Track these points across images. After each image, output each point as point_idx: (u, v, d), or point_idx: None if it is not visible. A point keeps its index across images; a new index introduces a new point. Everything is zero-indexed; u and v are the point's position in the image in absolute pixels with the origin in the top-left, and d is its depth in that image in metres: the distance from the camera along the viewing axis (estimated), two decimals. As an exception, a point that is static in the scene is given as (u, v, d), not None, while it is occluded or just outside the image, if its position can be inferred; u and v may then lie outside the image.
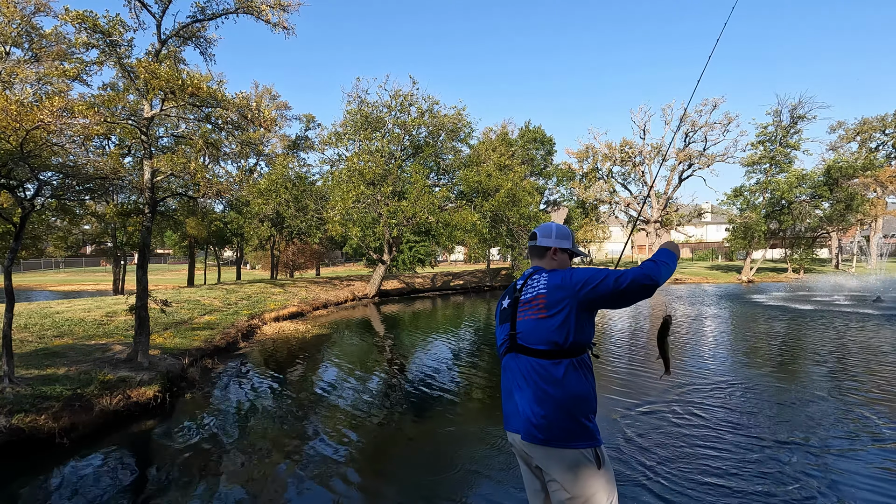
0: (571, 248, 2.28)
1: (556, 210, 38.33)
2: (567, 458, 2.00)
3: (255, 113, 7.90)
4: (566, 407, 2.00)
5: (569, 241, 2.28)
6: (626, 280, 1.97)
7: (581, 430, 2.01)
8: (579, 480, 1.99)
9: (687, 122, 32.50)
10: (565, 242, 2.26)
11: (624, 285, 1.97)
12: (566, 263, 2.28)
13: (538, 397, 2.03)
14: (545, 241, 2.26)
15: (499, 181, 19.58)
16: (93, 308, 11.92)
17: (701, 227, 59.82)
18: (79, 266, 51.12)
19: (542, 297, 2.08)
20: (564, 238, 2.27)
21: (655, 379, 7.12)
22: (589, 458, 2.00)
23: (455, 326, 13.78)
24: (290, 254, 27.75)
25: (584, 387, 2.05)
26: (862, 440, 4.84)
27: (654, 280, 1.96)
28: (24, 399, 5.35)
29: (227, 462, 4.70)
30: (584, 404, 2.03)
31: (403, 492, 4.07)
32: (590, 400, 2.06)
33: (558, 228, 2.29)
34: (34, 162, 5.84)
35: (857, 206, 28.28)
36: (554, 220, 2.29)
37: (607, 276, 2.00)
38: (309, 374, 8.24)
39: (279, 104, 28.40)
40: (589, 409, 2.05)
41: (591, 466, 1.99)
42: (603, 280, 2.00)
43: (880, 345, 9.63)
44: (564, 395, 2.01)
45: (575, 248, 2.30)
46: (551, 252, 2.25)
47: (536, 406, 2.03)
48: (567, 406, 2.01)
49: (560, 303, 2.03)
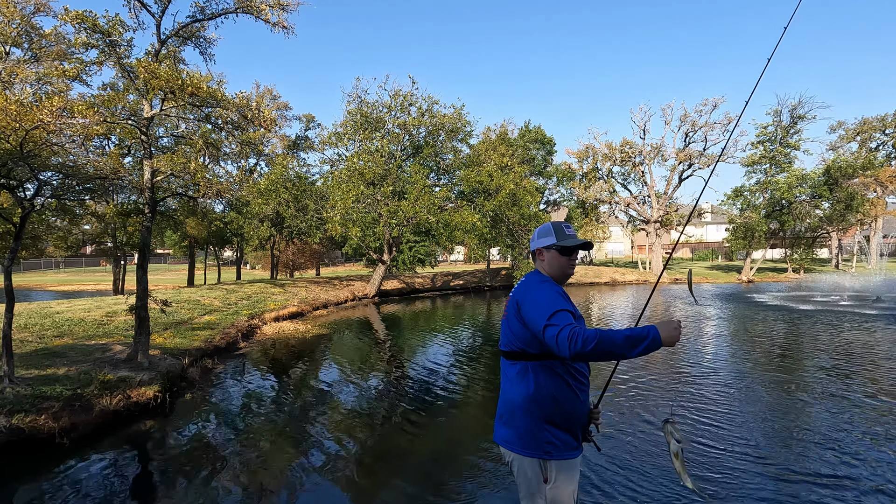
0: (556, 242, 2.09)
1: (556, 210, 38.32)
2: (516, 464, 1.99)
3: (256, 113, 7.90)
4: (516, 410, 1.98)
5: (549, 238, 2.11)
6: (552, 334, 1.73)
7: (529, 438, 1.95)
8: (523, 490, 1.98)
9: (687, 122, 32.50)
10: (544, 240, 2.13)
11: (546, 337, 1.76)
12: (556, 260, 2.10)
13: (501, 398, 2.09)
14: (531, 244, 2.22)
15: (500, 181, 19.59)
16: (93, 308, 11.92)
17: (701, 227, 59.81)
18: (79, 266, 51.10)
19: (511, 300, 2.09)
20: (544, 236, 2.14)
21: (655, 380, 7.11)
22: (534, 470, 1.93)
23: (455, 327, 13.78)
24: (290, 254, 27.73)
25: (538, 392, 1.93)
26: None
27: (575, 353, 1.68)
28: (24, 399, 5.34)
29: (226, 462, 4.70)
30: (535, 409, 1.93)
31: (404, 492, 4.07)
32: (543, 407, 1.93)
33: (539, 229, 2.19)
34: (34, 162, 5.84)
35: (857, 206, 28.26)
36: (552, 221, 2.15)
37: (544, 316, 1.81)
38: (309, 375, 8.24)
39: (279, 104, 28.38)
40: (542, 415, 1.93)
41: (536, 480, 1.93)
42: (537, 319, 1.83)
43: (879, 344, 9.63)
44: (517, 398, 1.98)
45: (562, 240, 2.09)
46: (538, 254, 2.17)
47: (500, 406, 2.09)
48: (517, 409, 1.97)
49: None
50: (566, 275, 2.14)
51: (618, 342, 1.68)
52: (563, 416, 1.95)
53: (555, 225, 2.14)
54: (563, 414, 1.95)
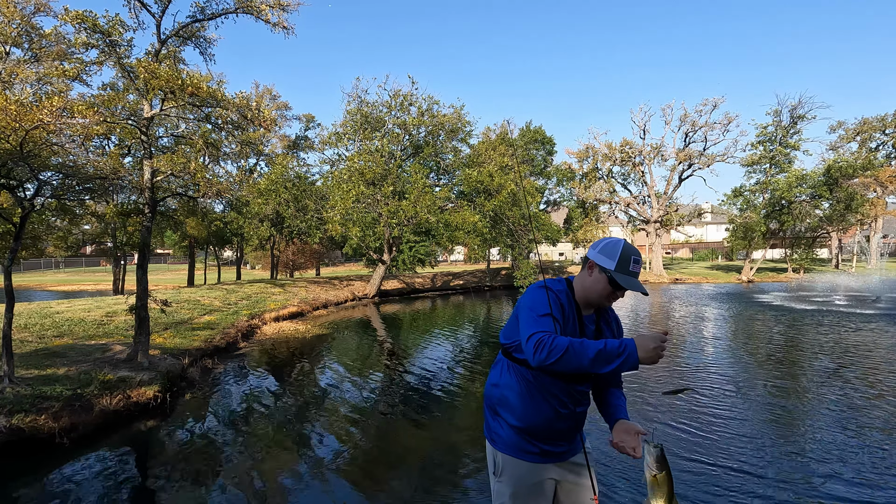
0: (613, 271, 1.83)
1: (557, 210, 38.33)
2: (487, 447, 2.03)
3: (255, 113, 7.89)
4: (485, 396, 2.04)
5: (610, 261, 1.84)
6: (529, 341, 1.65)
7: (486, 426, 2.02)
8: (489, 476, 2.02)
9: (687, 122, 32.51)
10: (603, 260, 1.87)
11: (523, 341, 1.70)
12: (601, 285, 1.86)
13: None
14: (588, 252, 1.97)
15: (501, 181, 19.60)
16: (93, 308, 11.92)
17: (701, 227, 59.77)
18: (79, 266, 51.09)
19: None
20: (605, 255, 1.88)
21: (655, 382, 7.11)
22: (491, 458, 1.97)
23: (455, 327, 13.78)
24: (290, 254, 27.73)
25: (499, 383, 1.94)
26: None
27: (539, 362, 1.60)
28: (25, 399, 5.34)
29: (226, 462, 4.70)
30: (491, 398, 1.98)
31: (404, 492, 4.07)
32: (500, 398, 1.92)
33: (606, 242, 1.92)
34: (34, 162, 5.84)
35: (856, 207, 28.26)
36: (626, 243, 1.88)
37: (524, 321, 1.76)
38: (309, 375, 8.24)
39: (279, 104, 28.39)
40: (497, 405, 1.93)
41: (490, 464, 1.98)
42: (521, 323, 1.78)
43: (879, 344, 9.63)
44: (486, 385, 2.04)
45: (620, 273, 1.83)
46: (588, 265, 1.93)
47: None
48: (485, 395, 2.04)
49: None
50: (601, 304, 1.91)
51: (588, 356, 1.56)
52: (509, 411, 1.90)
53: (625, 251, 1.83)
54: (509, 407, 1.90)
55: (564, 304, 1.86)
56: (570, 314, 1.87)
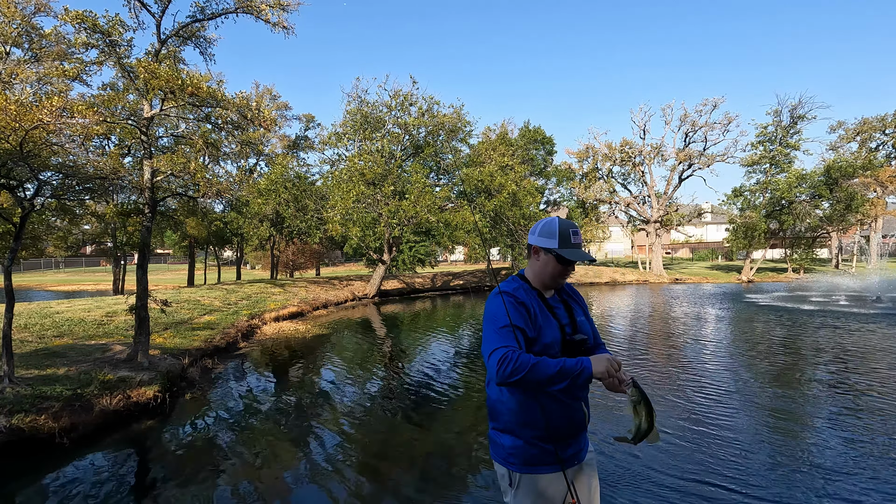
0: (557, 248, 1.87)
1: (556, 210, 38.32)
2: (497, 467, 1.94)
3: (255, 113, 7.90)
4: (489, 411, 1.94)
5: (551, 241, 1.89)
6: (492, 357, 1.66)
7: (492, 443, 1.91)
8: (502, 494, 1.92)
9: (687, 122, 32.51)
10: (545, 241, 1.90)
11: (485, 356, 1.71)
12: (550, 266, 1.89)
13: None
14: (529, 237, 1.99)
15: (501, 181, 19.60)
16: (93, 308, 11.92)
17: (701, 227, 59.77)
18: (79, 266, 51.11)
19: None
20: (545, 236, 1.91)
21: (656, 382, 7.11)
22: (503, 476, 1.87)
23: (455, 327, 13.78)
24: (290, 254, 27.72)
25: (498, 398, 1.86)
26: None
27: (503, 379, 1.62)
28: (25, 399, 5.34)
29: (226, 462, 4.70)
30: (492, 413, 1.89)
31: (404, 492, 4.06)
32: (500, 413, 1.85)
33: (543, 224, 1.94)
34: (34, 162, 5.84)
35: (856, 207, 28.26)
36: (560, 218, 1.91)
37: (486, 335, 1.75)
38: (309, 375, 8.24)
39: (279, 104, 28.41)
40: (499, 421, 1.86)
41: (504, 486, 1.88)
42: (483, 336, 1.78)
43: (879, 344, 9.63)
44: (488, 404, 1.93)
45: (564, 248, 1.87)
46: (533, 251, 1.95)
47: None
48: (489, 410, 1.94)
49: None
50: (557, 284, 1.93)
51: (550, 374, 1.60)
52: (514, 424, 1.82)
53: (562, 226, 1.87)
54: (513, 421, 1.82)
55: (524, 299, 1.83)
56: (534, 304, 1.85)
